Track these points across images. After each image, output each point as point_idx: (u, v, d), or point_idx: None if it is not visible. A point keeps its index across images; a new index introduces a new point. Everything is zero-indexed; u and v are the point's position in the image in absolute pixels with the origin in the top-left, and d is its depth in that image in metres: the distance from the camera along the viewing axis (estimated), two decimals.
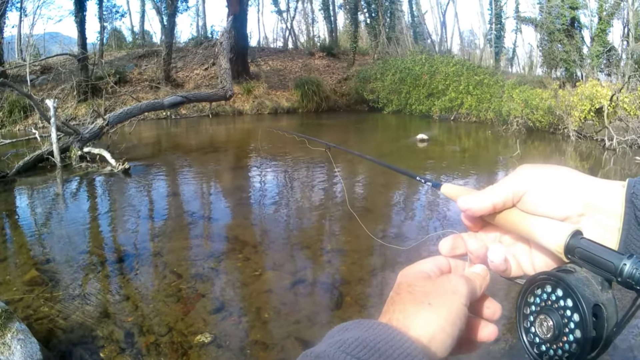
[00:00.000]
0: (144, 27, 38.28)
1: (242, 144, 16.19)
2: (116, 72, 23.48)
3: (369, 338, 0.58)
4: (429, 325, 0.62)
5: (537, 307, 0.67)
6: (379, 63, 28.83)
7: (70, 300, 4.45)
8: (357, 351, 0.56)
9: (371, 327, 0.61)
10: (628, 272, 0.57)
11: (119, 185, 9.55)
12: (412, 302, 0.65)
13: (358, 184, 10.16)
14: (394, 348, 0.57)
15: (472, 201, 0.75)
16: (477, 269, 0.75)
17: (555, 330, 0.63)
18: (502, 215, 0.74)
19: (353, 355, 0.55)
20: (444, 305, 0.64)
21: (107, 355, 3.62)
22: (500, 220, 0.74)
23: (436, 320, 0.62)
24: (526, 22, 37.38)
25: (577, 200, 0.69)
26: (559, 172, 0.73)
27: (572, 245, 0.65)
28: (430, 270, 0.72)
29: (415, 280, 0.69)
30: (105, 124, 11.97)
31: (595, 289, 0.62)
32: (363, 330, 0.60)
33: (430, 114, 23.23)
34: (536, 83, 22.64)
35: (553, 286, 0.64)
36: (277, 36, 45.93)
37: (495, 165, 12.51)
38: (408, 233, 6.89)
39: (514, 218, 0.72)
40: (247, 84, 25.19)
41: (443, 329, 0.61)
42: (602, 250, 0.62)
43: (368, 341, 0.57)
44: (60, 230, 6.70)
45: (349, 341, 0.58)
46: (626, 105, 15.75)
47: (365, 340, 0.58)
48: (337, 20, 40.68)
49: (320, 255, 5.94)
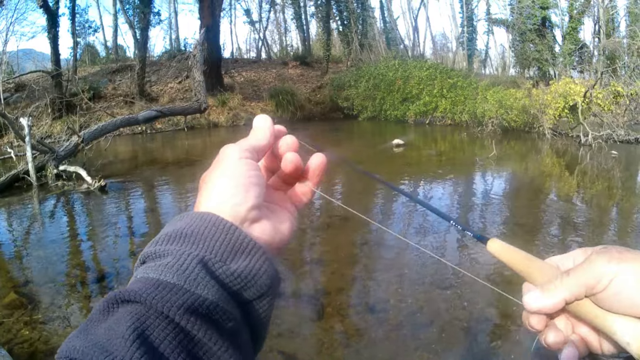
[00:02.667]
0: (117, 42, 38.06)
1: None
2: (90, 88, 23.25)
3: (168, 230, 0.63)
4: (211, 193, 0.63)
5: None
6: (352, 70, 28.95)
7: (50, 323, 4.43)
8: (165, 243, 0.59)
9: (179, 219, 0.64)
10: None
11: (96, 203, 9.49)
12: (203, 188, 0.66)
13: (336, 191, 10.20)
14: (186, 221, 0.61)
15: (541, 300, 0.64)
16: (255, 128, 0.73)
17: None
18: (572, 305, 0.64)
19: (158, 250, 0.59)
20: (219, 170, 0.65)
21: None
22: (569, 308, 0.64)
23: (216, 186, 0.64)
24: (498, 23, 37.86)
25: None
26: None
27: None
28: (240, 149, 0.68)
29: (208, 175, 0.68)
30: (80, 141, 11.88)
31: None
32: (171, 228, 0.63)
33: (406, 119, 23.36)
34: (510, 83, 22.83)
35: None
36: (250, 47, 46.12)
37: (473, 167, 12.60)
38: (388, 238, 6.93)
39: (587, 310, 0.63)
40: (221, 96, 25.10)
41: (226, 188, 0.62)
42: None
43: (168, 233, 0.61)
44: (38, 251, 6.64)
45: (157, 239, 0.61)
46: (600, 101, 15.97)
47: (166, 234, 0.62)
48: (309, 29, 40.85)
49: (300, 266, 5.94)
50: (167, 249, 0.57)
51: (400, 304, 4.74)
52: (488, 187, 10.52)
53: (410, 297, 4.90)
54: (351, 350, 3.96)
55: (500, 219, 7.94)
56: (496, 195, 9.61)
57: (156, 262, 0.56)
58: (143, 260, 0.59)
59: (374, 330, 4.28)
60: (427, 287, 5.15)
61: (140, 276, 0.55)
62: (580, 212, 8.44)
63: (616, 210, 8.54)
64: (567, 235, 7.01)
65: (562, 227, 7.35)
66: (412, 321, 4.39)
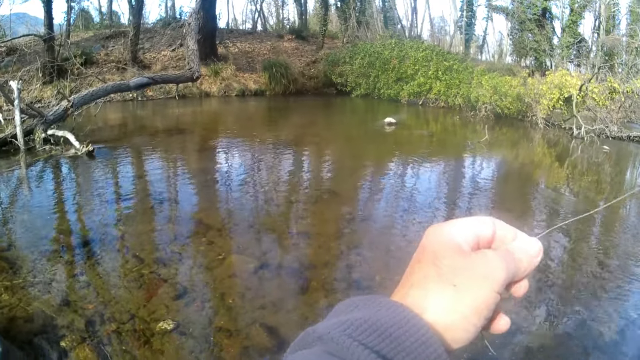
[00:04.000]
0: (111, 8, 37.56)
1: (209, 126, 16.11)
2: (83, 53, 22.98)
3: (379, 320, 0.53)
4: (449, 311, 0.56)
5: None
6: (348, 47, 28.77)
7: (31, 288, 4.39)
8: (364, 336, 0.51)
9: (383, 306, 0.55)
10: None
11: (83, 168, 9.41)
12: (435, 278, 0.58)
13: (325, 168, 10.18)
14: (408, 335, 0.51)
15: None
16: (529, 244, 0.64)
17: None
18: None
19: (360, 341, 0.50)
20: (470, 290, 0.57)
21: (67, 344, 3.57)
22: None
23: (459, 307, 0.56)
24: (497, 10, 37.73)
25: None
26: None
27: None
28: (466, 239, 0.61)
29: (444, 251, 0.59)
30: (69, 105, 11.76)
31: None
32: (373, 310, 0.55)
33: (399, 99, 23.29)
34: (505, 71, 22.87)
35: None
36: (246, 18, 45.68)
37: (463, 150, 12.60)
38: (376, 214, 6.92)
39: None
40: (214, 66, 24.92)
41: (465, 318, 0.56)
42: None
43: (378, 324, 0.52)
44: (23, 216, 6.59)
45: (357, 323, 0.52)
46: (595, 96, 15.96)
47: (375, 322, 0.52)
48: (307, 3, 40.44)
49: (286, 239, 5.94)
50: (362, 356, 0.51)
51: (385, 281, 4.72)
52: (478, 171, 10.52)
53: (397, 274, 4.88)
54: None
55: (489, 204, 7.93)
56: (485, 180, 9.59)
57: None
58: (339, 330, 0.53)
59: None
60: None
61: None
62: (568, 203, 8.45)
63: (604, 204, 8.55)
64: (555, 224, 7.02)
65: (550, 216, 7.34)
66: None
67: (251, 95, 24.95)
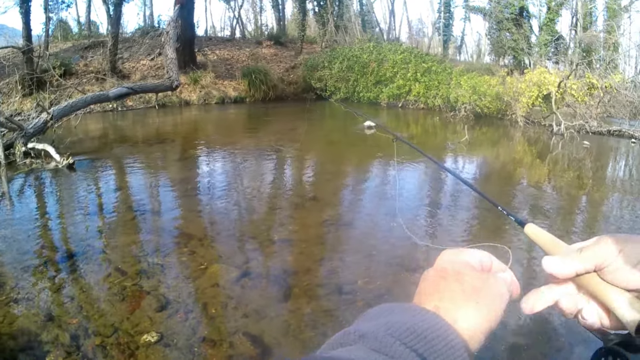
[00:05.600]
0: (90, 18, 37.44)
1: (189, 134, 16.09)
2: (62, 64, 22.88)
3: (416, 325, 0.61)
4: (472, 321, 0.65)
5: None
6: (326, 51, 28.92)
7: (14, 304, 4.37)
8: (404, 336, 0.59)
9: (419, 313, 0.64)
10: None
11: (64, 181, 9.37)
12: (461, 294, 0.68)
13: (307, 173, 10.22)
14: (440, 339, 0.60)
15: (555, 267, 0.75)
16: (507, 275, 0.77)
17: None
18: (582, 278, 0.75)
19: (401, 341, 0.59)
20: (489, 306, 0.68)
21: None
22: (580, 281, 0.76)
23: (479, 319, 0.66)
24: (475, 11, 38.01)
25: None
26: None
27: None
28: (476, 263, 0.74)
29: (465, 270, 0.72)
30: (49, 118, 11.71)
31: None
32: (410, 316, 0.64)
33: (379, 102, 23.48)
34: (484, 70, 23.03)
35: None
36: (224, 25, 45.76)
37: (444, 151, 12.68)
38: (357, 219, 6.96)
39: (594, 284, 0.74)
40: (194, 74, 24.97)
41: (482, 328, 0.66)
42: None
43: (415, 327, 0.61)
44: (4, 231, 6.54)
45: (397, 325, 0.61)
46: (574, 92, 16.14)
47: (412, 326, 0.61)
48: (285, 9, 40.61)
49: (268, 246, 5.95)
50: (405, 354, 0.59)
51: (368, 286, 4.76)
52: (459, 171, 10.57)
53: (379, 278, 4.93)
54: (318, 332, 3.97)
55: (470, 204, 7.98)
56: (467, 180, 9.64)
57: None
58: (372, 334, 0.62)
59: (342, 311, 4.30)
60: (395, 269, 5.19)
61: None
62: (550, 199, 8.56)
63: (586, 199, 8.66)
64: (537, 221, 7.09)
65: (532, 214, 7.42)
66: (380, 303, 4.40)
67: (231, 102, 25.00)
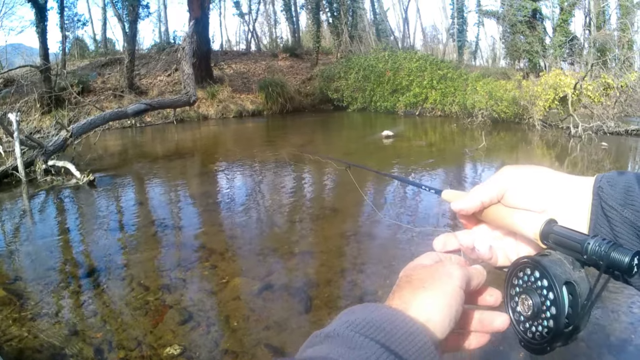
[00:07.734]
0: (106, 35, 38.02)
1: (208, 149, 16.16)
2: (79, 82, 23.18)
3: (375, 319, 0.64)
4: (425, 307, 0.67)
5: (520, 288, 0.74)
6: (342, 62, 28.98)
7: (39, 319, 4.43)
8: (364, 330, 0.62)
9: (376, 309, 0.66)
10: (592, 250, 0.65)
11: (85, 197, 9.47)
12: (409, 289, 0.70)
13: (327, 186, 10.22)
14: (398, 328, 0.62)
15: (462, 203, 0.83)
16: (474, 267, 0.80)
17: (534, 308, 0.70)
18: (489, 211, 0.82)
19: (361, 334, 0.61)
20: (438, 288, 0.69)
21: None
22: (488, 215, 0.83)
23: (432, 303, 0.67)
24: (488, 15, 37.90)
25: (552, 194, 0.77)
26: (537, 171, 0.80)
27: (546, 231, 0.73)
28: (427, 262, 0.78)
29: (413, 271, 0.75)
30: (69, 135, 11.83)
31: (567, 268, 0.69)
32: (369, 312, 0.66)
33: (395, 110, 23.43)
34: (500, 75, 22.96)
35: (532, 268, 0.72)
36: (239, 39, 45.84)
37: (462, 158, 12.64)
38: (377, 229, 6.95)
39: (499, 213, 0.81)
40: (211, 88, 25.12)
41: (440, 311, 0.67)
42: (571, 234, 0.70)
43: (374, 321, 0.63)
44: (28, 247, 6.63)
45: (357, 321, 0.63)
46: (590, 93, 16.04)
47: (371, 320, 0.63)
48: (299, 21, 40.66)
49: (288, 259, 5.95)
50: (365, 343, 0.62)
51: (387, 295, 4.74)
52: (477, 178, 10.53)
53: None
54: None
55: None
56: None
57: (355, 353, 0.60)
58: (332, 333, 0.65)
59: None
60: None
61: None
62: None
63: None
64: None
65: None
66: None
67: (249, 115, 25.08)
